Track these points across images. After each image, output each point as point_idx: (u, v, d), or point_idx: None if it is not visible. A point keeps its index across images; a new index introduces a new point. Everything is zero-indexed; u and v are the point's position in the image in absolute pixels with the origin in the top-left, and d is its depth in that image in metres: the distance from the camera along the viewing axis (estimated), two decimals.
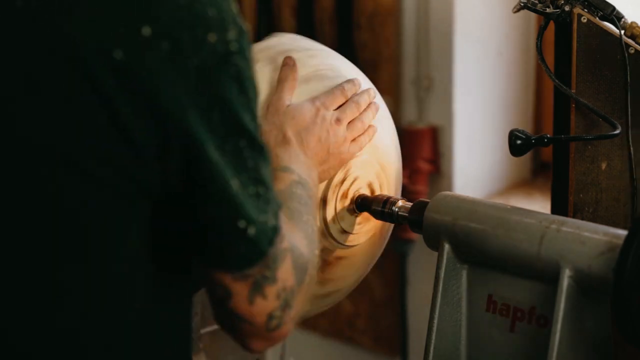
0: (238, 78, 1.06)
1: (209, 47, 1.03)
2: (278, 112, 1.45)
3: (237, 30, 1.06)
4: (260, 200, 1.08)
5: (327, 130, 1.47)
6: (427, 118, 3.14)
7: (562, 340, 1.36)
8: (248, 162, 1.08)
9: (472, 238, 1.47)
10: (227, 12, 1.05)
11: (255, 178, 1.08)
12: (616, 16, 1.58)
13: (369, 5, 3.18)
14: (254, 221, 1.07)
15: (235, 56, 1.05)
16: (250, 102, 1.08)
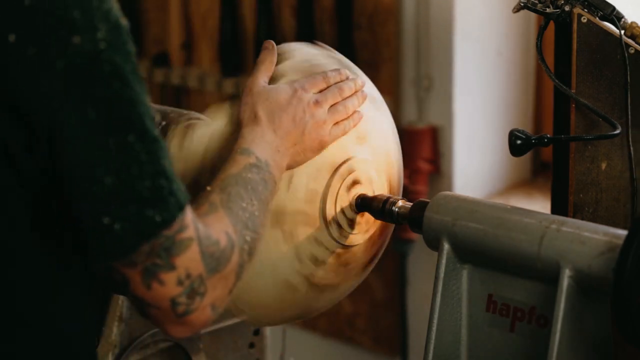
0: (116, 74, 1.09)
1: (74, 48, 1.07)
2: (252, 92, 1.47)
3: (108, 27, 1.09)
4: (157, 193, 1.11)
5: (304, 111, 1.47)
6: (427, 118, 3.14)
7: (562, 340, 1.36)
8: (140, 156, 1.10)
9: (472, 238, 1.47)
10: (94, 12, 1.09)
11: (154, 171, 1.11)
12: (616, 16, 1.58)
13: (369, 5, 3.18)
14: (120, 217, 1.10)
15: (106, 53, 1.09)
16: (138, 95, 1.11)
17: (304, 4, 3.28)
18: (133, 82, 1.11)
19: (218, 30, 3.54)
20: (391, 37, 3.15)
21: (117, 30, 1.11)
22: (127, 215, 1.10)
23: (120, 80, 1.09)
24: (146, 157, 1.11)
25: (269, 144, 1.42)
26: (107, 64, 1.09)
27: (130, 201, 1.10)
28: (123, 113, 1.10)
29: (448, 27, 3.04)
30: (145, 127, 1.11)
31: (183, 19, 3.66)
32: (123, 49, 1.11)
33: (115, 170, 1.09)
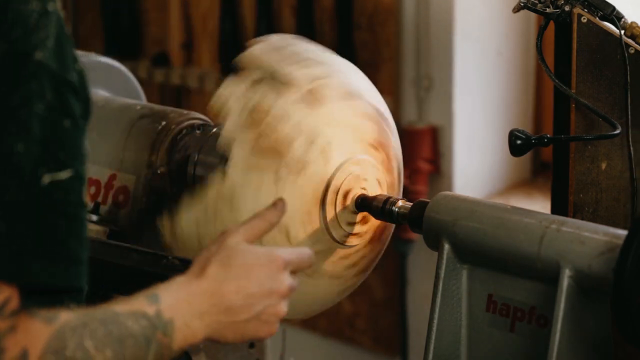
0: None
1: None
2: (222, 244, 1.21)
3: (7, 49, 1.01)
4: None
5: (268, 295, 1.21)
6: (427, 118, 3.14)
7: (562, 340, 1.36)
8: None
9: (472, 238, 1.47)
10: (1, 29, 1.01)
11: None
12: (616, 16, 1.58)
13: (369, 5, 3.18)
14: None
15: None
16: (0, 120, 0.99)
17: (304, 4, 3.28)
18: (10, 117, 1.00)
19: (218, 30, 3.53)
20: (391, 37, 3.15)
21: (19, 60, 1.01)
22: None
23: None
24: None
25: (191, 305, 1.16)
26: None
27: None
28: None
29: (448, 27, 3.04)
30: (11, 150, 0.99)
31: (183, 19, 3.66)
32: (16, 79, 1.00)
33: None
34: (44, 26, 1.02)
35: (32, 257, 1.00)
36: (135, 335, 1.10)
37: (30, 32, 1.01)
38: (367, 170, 1.58)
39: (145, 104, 1.96)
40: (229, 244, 1.21)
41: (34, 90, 1.00)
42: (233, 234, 1.22)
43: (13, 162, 0.99)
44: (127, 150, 1.80)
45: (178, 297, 1.15)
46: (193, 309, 1.16)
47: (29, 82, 1.00)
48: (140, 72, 3.62)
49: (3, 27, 1.00)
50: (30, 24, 1.02)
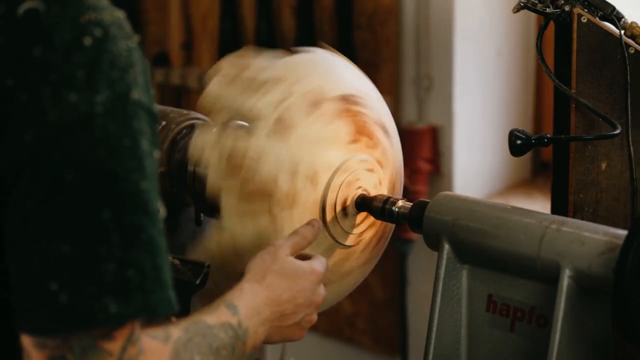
0: (106, 142, 1.02)
1: (69, 105, 1.01)
2: (274, 255, 1.39)
3: (112, 95, 1.03)
4: (120, 283, 1.01)
5: (308, 306, 1.41)
6: (427, 118, 3.14)
7: (562, 340, 1.36)
8: (111, 236, 1.01)
9: (472, 238, 1.47)
10: (99, 75, 1.03)
11: (123, 258, 1.02)
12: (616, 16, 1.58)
13: (369, 5, 3.18)
14: (71, 289, 1.00)
15: (101, 118, 1.02)
16: (128, 172, 1.03)
17: (304, 4, 3.28)
18: (125, 157, 1.03)
19: (218, 30, 3.54)
20: (391, 37, 3.15)
21: (122, 101, 1.04)
22: (79, 290, 1.00)
23: (108, 150, 1.02)
24: (118, 240, 1.02)
25: (259, 314, 1.32)
26: (100, 129, 1.02)
27: (87, 279, 1.00)
28: (102, 184, 1.02)
29: (448, 27, 3.04)
30: (125, 207, 1.02)
31: (183, 19, 3.66)
32: (124, 121, 1.04)
33: (77, 241, 1.00)
34: (133, 64, 1.06)
35: (170, 288, 1.06)
36: (226, 346, 1.23)
37: (124, 72, 1.05)
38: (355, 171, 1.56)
39: None
40: (281, 257, 1.39)
41: (138, 130, 1.05)
42: (283, 248, 1.40)
43: (140, 201, 1.04)
44: None
45: (251, 306, 1.31)
46: (260, 317, 1.32)
47: (132, 121, 1.04)
48: None
49: (103, 71, 1.03)
50: (122, 64, 1.05)
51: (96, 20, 1.04)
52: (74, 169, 1.01)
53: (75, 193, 1.01)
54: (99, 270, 1.01)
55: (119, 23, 1.06)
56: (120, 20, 1.07)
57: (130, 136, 1.04)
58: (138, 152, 1.04)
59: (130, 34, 1.07)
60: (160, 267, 1.04)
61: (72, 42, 1.03)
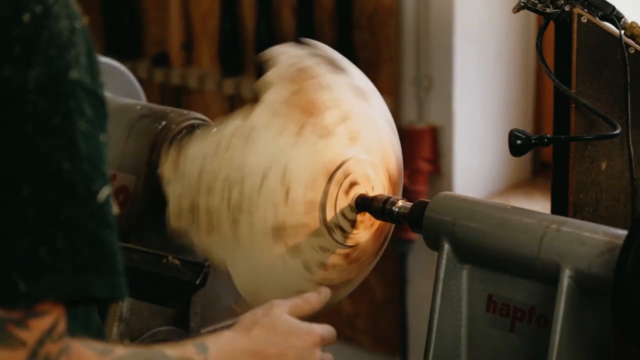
0: (34, 119, 1.00)
1: (1, 80, 1.00)
2: (270, 311, 1.33)
3: (46, 71, 1.01)
4: (28, 258, 0.99)
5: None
6: (427, 118, 3.14)
7: (562, 340, 1.36)
8: (27, 211, 0.99)
9: (472, 238, 1.47)
10: (37, 50, 1.02)
11: (37, 235, 0.99)
12: (616, 16, 1.58)
13: (369, 5, 3.18)
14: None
15: (32, 94, 1.01)
16: (56, 149, 1.00)
17: (304, 4, 3.28)
18: (53, 135, 1.01)
19: (218, 30, 3.54)
20: (391, 37, 3.15)
21: (57, 79, 1.02)
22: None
23: (35, 126, 1.00)
24: (35, 216, 0.99)
25: (233, 358, 1.26)
26: (30, 105, 1.00)
27: (0, 252, 0.98)
28: (24, 160, 1.00)
29: (448, 27, 3.05)
30: (45, 185, 1.00)
31: (183, 19, 3.66)
32: (57, 99, 1.01)
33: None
34: (75, 44, 1.04)
35: (94, 272, 1.02)
36: None
37: (63, 51, 1.03)
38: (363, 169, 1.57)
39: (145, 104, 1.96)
40: (275, 313, 1.33)
41: (73, 109, 1.02)
42: (279, 306, 1.35)
43: (63, 180, 1.01)
44: (127, 150, 1.80)
45: (224, 350, 1.24)
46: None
47: (68, 100, 1.02)
48: (140, 72, 3.62)
49: (40, 47, 1.02)
50: (62, 42, 1.03)
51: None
52: (0, 142, 0.99)
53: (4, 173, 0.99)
54: (12, 246, 0.98)
55: (65, 2, 1.05)
56: (66, 0, 1.05)
57: (62, 114, 1.02)
58: (69, 131, 1.01)
59: (76, 14, 1.06)
60: (78, 249, 1.00)
61: (10, 17, 1.02)
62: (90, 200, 1.02)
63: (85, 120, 1.03)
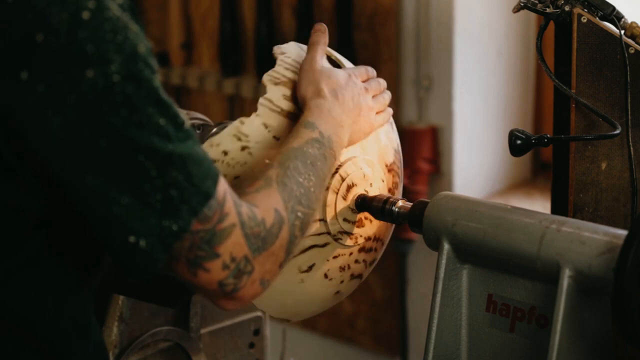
0: (126, 102, 1.11)
1: (87, 82, 1.09)
2: (313, 70, 1.51)
3: (122, 59, 1.10)
4: (168, 205, 1.15)
5: (359, 94, 1.55)
6: (427, 118, 3.14)
7: (562, 340, 1.36)
8: (150, 172, 1.13)
9: (472, 238, 1.47)
10: (107, 44, 1.10)
11: (163, 184, 1.14)
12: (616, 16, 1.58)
13: (369, 5, 3.18)
14: (144, 233, 1.14)
15: (119, 85, 1.10)
16: (150, 117, 1.13)
17: (304, 4, 3.28)
18: (144, 106, 1.12)
19: (218, 30, 3.54)
20: (391, 37, 3.15)
21: (133, 60, 1.11)
22: (149, 230, 1.14)
23: (129, 108, 1.11)
24: (156, 172, 1.13)
25: (334, 119, 1.47)
26: (120, 95, 1.10)
27: (149, 216, 1.14)
28: (131, 136, 1.11)
29: (448, 27, 3.05)
30: (153, 145, 1.13)
31: (183, 19, 3.66)
32: (138, 77, 1.12)
33: (130, 190, 1.13)
34: (127, 21, 1.13)
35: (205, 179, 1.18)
36: (318, 157, 1.39)
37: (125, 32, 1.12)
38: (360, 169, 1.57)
39: None
40: (320, 69, 1.52)
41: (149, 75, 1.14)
42: (314, 61, 1.53)
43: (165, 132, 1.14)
44: None
45: (322, 116, 1.45)
46: (337, 122, 1.47)
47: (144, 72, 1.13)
48: None
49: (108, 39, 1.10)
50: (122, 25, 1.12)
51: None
52: (106, 136, 1.10)
53: (113, 155, 1.11)
54: (152, 205, 1.13)
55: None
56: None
57: (145, 86, 1.12)
58: (153, 95, 1.13)
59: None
60: (188, 173, 1.15)
61: (71, 20, 1.08)
62: (179, 132, 1.15)
63: (157, 77, 1.14)
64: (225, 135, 1.48)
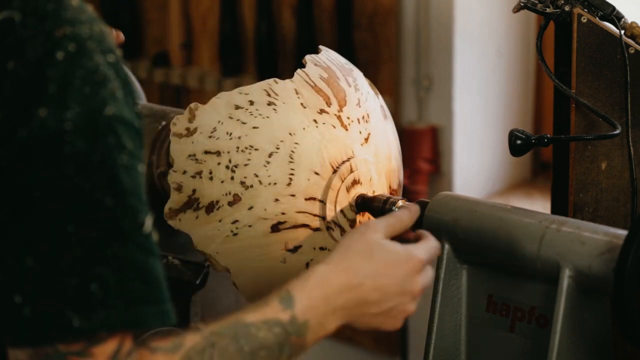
0: (74, 159, 1.00)
1: (37, 121, 1.00)
2: (360, 235, 1.27)
3: (82, 110, 1.01)
4: (80, 295, 0.99)
5: (401, 295, 1.29)
6: (427, 118, 3.14)
7: (562, 340, 1.36)
8: (75, 250, 1.00)
9: (472, 238, 1.47)
10: (72, 90, 1.01)
11: (87, 273, 1.00)
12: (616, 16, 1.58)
13: (369, 5, 3.18)
14: (34, 303, 0.99)
15: (71, 135, 1.00)
16: (96, 188, 1.01)
17: (304, 4, 3.28)
18: (93, 173, 1.01)
19: (218, 30, 3.54)
20: (391, 37, 3.15)
21: (94, 117, 1.01)
22: (42, 304, 0.99)
23: (75, 166, 1.00)
24: (82, 255, 1.00)
25: (328, 303, 1.20)
26: (68, 146, 1.00)
27: (50, 292, 0.99)
28: (67, 201, 1.00)
29: (448, 27, 3.05)
30: (90, 223, 1.00)
31: (183, 19, 3.66)
32: (94, 137, 1.01)
33: (41, 255, 0.99)
34: (110, 79, 1.04)
35: (145, 304, 1.02)
36: (268, 346, 1.13)
37: (98, 88, 1.02)
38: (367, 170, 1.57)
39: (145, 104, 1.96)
40: (372, 238, 1.26)
41: (112, 144, 1.02)
42: (375, 230, 1.27)
43: (108, 216, 1.01)
44: None
45: (315, 296, 1.19)
46: (329, 306, 1.20)
47: (106, 137, 1.02)
48: (140, 72, 3.62)
49: (74, 86, 1.01)
50: (97, 79, 1.03)
51: (72, 34, 1.02)
52: (42, 185, 1.00)
53: (42, 209, 1.00)
54: (62, 284, 0.99)
55: (98, 37, 1.04)
56: (100, 34, 1.04)
57: (101, 152, 1.01)
58: (109, 168, 1.02)
59: (110, 48, 1.05)
60: (128, 282, 1.01)
61: (44, 56, 1.01)
62: (136, 233, 1.03)
63: (125, 154, 1.03)
64: (257, 87, 1.47)
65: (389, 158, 1.63)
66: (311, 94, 1.52)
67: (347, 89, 1.57)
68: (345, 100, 1.55)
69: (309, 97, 1.51)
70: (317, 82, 1.53)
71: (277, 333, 1.14)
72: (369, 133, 1.58)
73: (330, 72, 1.56)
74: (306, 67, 1.53)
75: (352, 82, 1.59)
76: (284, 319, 1.16)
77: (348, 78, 1.59)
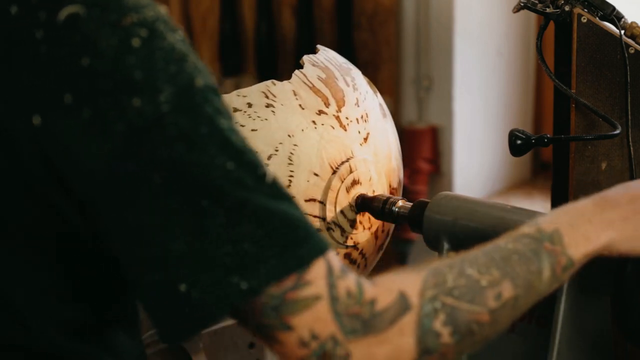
0: (182, 137, 1.01)
1: (134, 111, 1.00)
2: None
3: (174, 90, 1.01)
4: (236, 259, 1.01)
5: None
6: (427, 118, 3.14)
7: (562, 340, 1.36)
8: (217, 219, 1.01)
9: (472, 238, 1.47)
10: (157, 73, 1.01)
11: (235, 236, 1.01)
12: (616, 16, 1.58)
13: (369, 5, 3.18)
14: (198, 285, 1.00)
15: (171, 116, 1.00)
16: (212, 157, 1.01)
17: (304, 4, 3.29)
18: (206, 144, 1.01)
19: (218, 30, 3.54)
20: (391, 37, 3.16)
21: (186, 92, 1.02)
22: (205, 282, 1.01)
23: (185, 144, 1.00)
24: (225, 222, 1.01)
25: (576, 212, 1.18)
26: (172, 127, 1.00)
27: (211, 267, 1.01)
28: (191, 177, 1.00)
29: (448, 27, 3.05)
30: (221, 190, 1.01)
31: (183, 19, 3.66)
32: (193, 110, 1.02)
33: (188, 237, 1.00)
34: (187, 53, 1.04)
35: (299, 243, 1.03)
36: (520, 251, 1.11)
37: (181, 64, 1.03)
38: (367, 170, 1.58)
39: None
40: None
41: (212, 112, 1.03)
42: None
43: (233, 179, 1.02)
44: None
45: (556, 212, 1.17)
46: (583, 217, 1.17)
47: (204, 107, 1.03)
48: None
49: (159, 68, 1.02)
50: (177, 56, 1.03)
51: (140, 20, 1.02)
52: (159, 172, 1.00)
53: (169, 193, 1.00)
54: (218, 255, 1.01)
55: (163, 18, 1.05)
56: (164, 15, 1.05)
57: (205, 123, 1.02)
58: (218, 135, 1.02)
59: (174, 26, 1.06)
60: (274, 231, 1.02)
61: (119, 46, 1.01)
62: (262, 184, 1.03)
63: (224, 117, 1.04)
64: (255, 89, 1.48)
65: (389, 157, 1.63)
66: (309, 95, 1.52)
67: (346, 88, 1.57)
68: (343, 100, 1.55)
69: (307, 98, 1.52)
70: (315, 83, 1.53)
71: (526, 242, 1.12)
72: (368, 132, 1.58)
73: (328, 72, 1.56)
74: (304, 68, 1.54)
75: (351, 81, 1.59)
76: (529, 231, 1.14)
77: (346, 78, 1.59)
